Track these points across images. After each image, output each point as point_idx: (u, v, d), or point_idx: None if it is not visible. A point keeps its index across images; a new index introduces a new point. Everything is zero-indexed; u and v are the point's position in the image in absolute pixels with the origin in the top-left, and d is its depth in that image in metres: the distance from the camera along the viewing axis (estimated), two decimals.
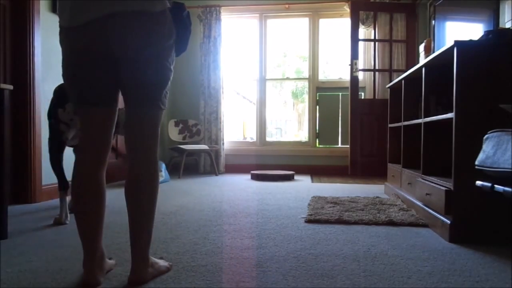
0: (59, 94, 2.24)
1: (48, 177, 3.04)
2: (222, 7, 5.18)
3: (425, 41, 3.66)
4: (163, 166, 4.25)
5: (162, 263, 1.46)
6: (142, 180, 1.34)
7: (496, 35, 1.96)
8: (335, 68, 5.96)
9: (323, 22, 5.40)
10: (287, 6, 5.24)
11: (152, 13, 1.25)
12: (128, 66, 1.28)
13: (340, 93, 5.24)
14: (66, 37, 1.30)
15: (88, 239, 1.33)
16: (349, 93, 4.85)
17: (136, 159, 1.34)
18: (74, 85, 1.33)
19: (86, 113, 1.35)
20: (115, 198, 3.10)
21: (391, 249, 1.75)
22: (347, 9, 4.96)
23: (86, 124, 1.36)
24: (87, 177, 1.34)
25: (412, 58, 4.74)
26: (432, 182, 2.20)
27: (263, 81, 5.46)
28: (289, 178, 4.44)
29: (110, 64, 1.29)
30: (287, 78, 7.87)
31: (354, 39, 4.79)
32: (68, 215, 2.24)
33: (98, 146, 1.36)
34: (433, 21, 3.71)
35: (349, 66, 4.80)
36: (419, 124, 2.52)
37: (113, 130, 1.40)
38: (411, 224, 2.20)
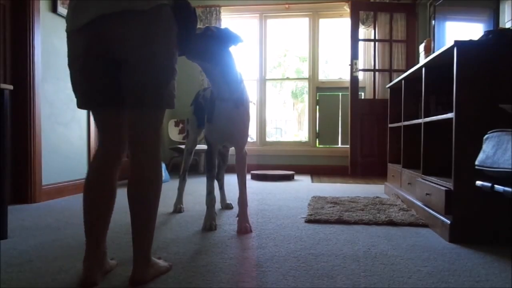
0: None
1: (48, 177, 3.04)
2: (222, 7, 5.18)
3: (425, 41, 3.66)
4: (163, 166, 4.25)
5: (162, 263, 1.46)
6: (145, 181, 1.33)
7: (496, 35, 1.96)
8: (335, 68, 5.96)
9: (323, 22, 5.40)
10: (287, 6, 5.24)
11: (144, 11, 1.23)
12: (126, 67, 1.27)
13: (340, 93, 5.24)
14: (68, 40, 1.33)
15: (93, 235, 1.35)
16: (349, 93, 4.86)
17: (139, 160, 1.34)
18: (76, 86, 1.36)
19: (94, 113, 1.40)
20: (117, 198, 3.09)
21: (391, 249, 1.75)
22: (347, 9, 4.96)
23: (98, 123, 1.41)
24: (101, 174, 1.37)
25: (412, 58, 4.75)
26: (432, 182, 2.20)
27: (263, 81, 5.46)
28: (289, 178, 4.43)
29: (109, 65, 1.29)
30: (287, 78, 7.86)
31: (354, 39, 4.79)
32: None
33: (112, 145, 1.39)
34: (433, 21, 3.71)
35: (349, 66, 4.80)
36: (419, 124, 2.52)
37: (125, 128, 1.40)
38: (411, 224, 2.19)
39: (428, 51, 3.54)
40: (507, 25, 2.91)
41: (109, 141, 1.40)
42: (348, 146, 4.89)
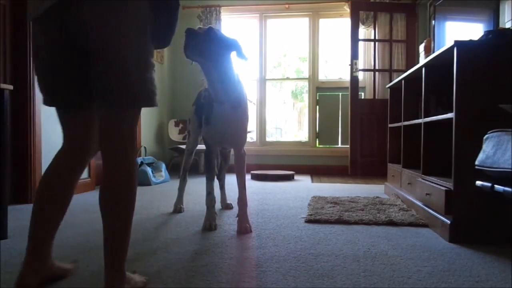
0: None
1: None
2: (222, 7, 5.18)
3: (425, 41, 3.67)
4: (163, 166, 4.25)
5: (137, 278, 1.30)
6: (118, 189, 1.15)
7: (496, 35, 1.96)
8: (335, 68, 5.96)
9: (323, 22, 5.40)
10: (287, 6, 5.24)
11: None
12: (92, 59, 1.10)
13: (340, 93, 5.24)
14: (32, 31, 1.19)
15: (34, 239, 1.25)
16: (349, 93, 4.86)
17: (111, 167, 1.16)
18: (41, 85, 1.23)
19: (60, 111, 1.27)
20: None
21: (391, 249, 1.75)
22: (347, 9, 4.96)
23: (62, 122, 1.29)
24: (58, 176, 1.26)
25: (412, 58, 4.75)
26: (432, 182, 2.20)
27: (263, 81, 5.46)
28: (289, 178, 4.43)
29: (77, 58, 1.13)
30: (287, 78, 7.86)
31: (354, 39, 4.79)
32: None
33: (77, 148, 1.28)
34: (433, 21, 3.71)
35: (349, 66, 4.80)
36: (419, 124, 2.52)
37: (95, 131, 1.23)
38: (411, 224, 2.19)
39: (428, 51, 3.54)
40: (507, 25, 2.91)
41: (74, 143, 1.26)
42: (348, 146, 4.89)
